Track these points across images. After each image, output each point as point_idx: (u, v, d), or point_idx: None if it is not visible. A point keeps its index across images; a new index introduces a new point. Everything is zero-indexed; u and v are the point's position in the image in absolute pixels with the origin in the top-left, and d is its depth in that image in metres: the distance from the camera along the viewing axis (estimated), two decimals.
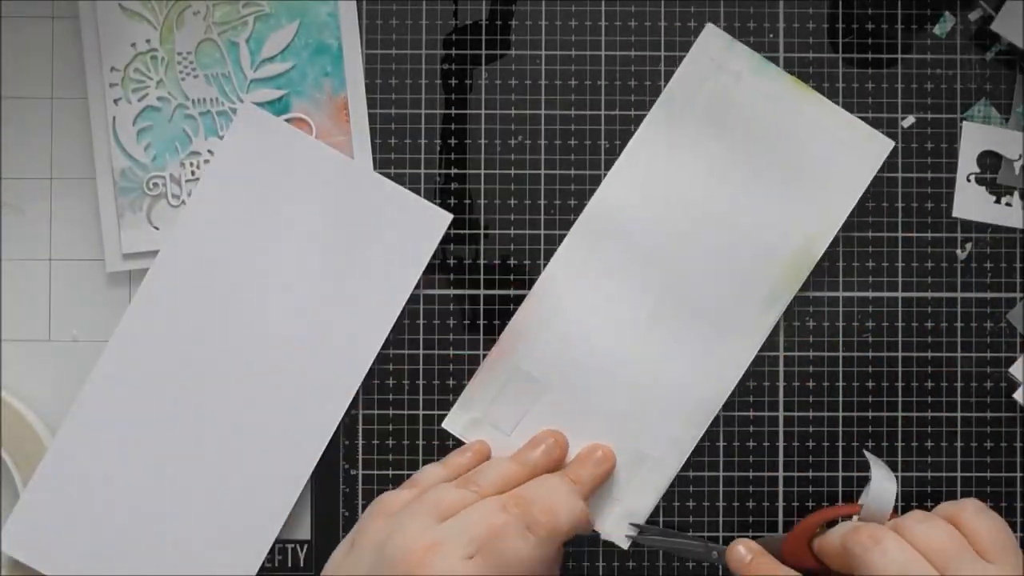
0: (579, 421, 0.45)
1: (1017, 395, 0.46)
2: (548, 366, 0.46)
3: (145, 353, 0.45)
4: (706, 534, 0.46)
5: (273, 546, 0.46)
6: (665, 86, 0.46)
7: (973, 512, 0.40)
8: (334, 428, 0.45)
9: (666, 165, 0.46)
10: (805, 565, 0.42)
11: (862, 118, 0.46)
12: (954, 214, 0.46)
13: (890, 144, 0.45)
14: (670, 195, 0.46)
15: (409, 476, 0.45)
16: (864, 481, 0.46)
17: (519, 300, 0.46)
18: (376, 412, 0.46)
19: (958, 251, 0.46)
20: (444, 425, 0.46)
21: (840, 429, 0.46)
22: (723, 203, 0.46)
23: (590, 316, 0.46)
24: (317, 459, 0.45)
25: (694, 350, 0.45)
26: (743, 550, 0.43)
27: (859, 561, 0.39)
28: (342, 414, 0.45)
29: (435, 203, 0.46)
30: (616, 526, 0.45)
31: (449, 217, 0.46)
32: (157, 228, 0.46)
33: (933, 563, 0.38)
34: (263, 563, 0.45)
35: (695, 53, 0.46)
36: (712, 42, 0.46)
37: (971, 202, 0.46)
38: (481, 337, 0.46)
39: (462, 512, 0.40)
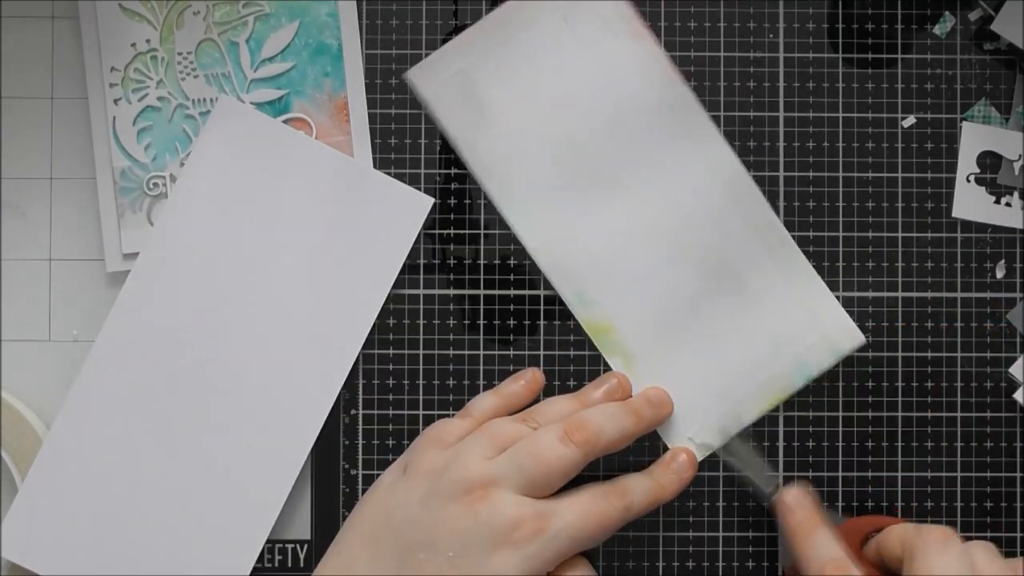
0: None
1: (1017, 395, 0.45)
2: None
3: (131, 351, 0.45)
4: (705, 534, 0.46)
5: (273, 546, 0.46)
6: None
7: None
8: (324, 418, 0.45)
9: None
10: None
11: (862, 118, 0.46)
12: (954, 214, 0.46)
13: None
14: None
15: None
16: (865, 481, 0.46)
17: (519, 300, 0.46)
18: (376, 412, 0.46)
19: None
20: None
21: (840, 429, 0.46)
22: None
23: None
24: (309, 448, 0.45)
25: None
26: (792, 500, 0.42)
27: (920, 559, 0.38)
28: (331, 405, 0.45)
29: (435, 203, 0.46)
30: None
31: (431, 201, 0.46)
32: None
33: None
34: (263, 562, 0.45)
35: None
36: None
37: (971, 202, 0.46)
38: (481, 337, 0.46)
39: (520, 443, 0.40)
